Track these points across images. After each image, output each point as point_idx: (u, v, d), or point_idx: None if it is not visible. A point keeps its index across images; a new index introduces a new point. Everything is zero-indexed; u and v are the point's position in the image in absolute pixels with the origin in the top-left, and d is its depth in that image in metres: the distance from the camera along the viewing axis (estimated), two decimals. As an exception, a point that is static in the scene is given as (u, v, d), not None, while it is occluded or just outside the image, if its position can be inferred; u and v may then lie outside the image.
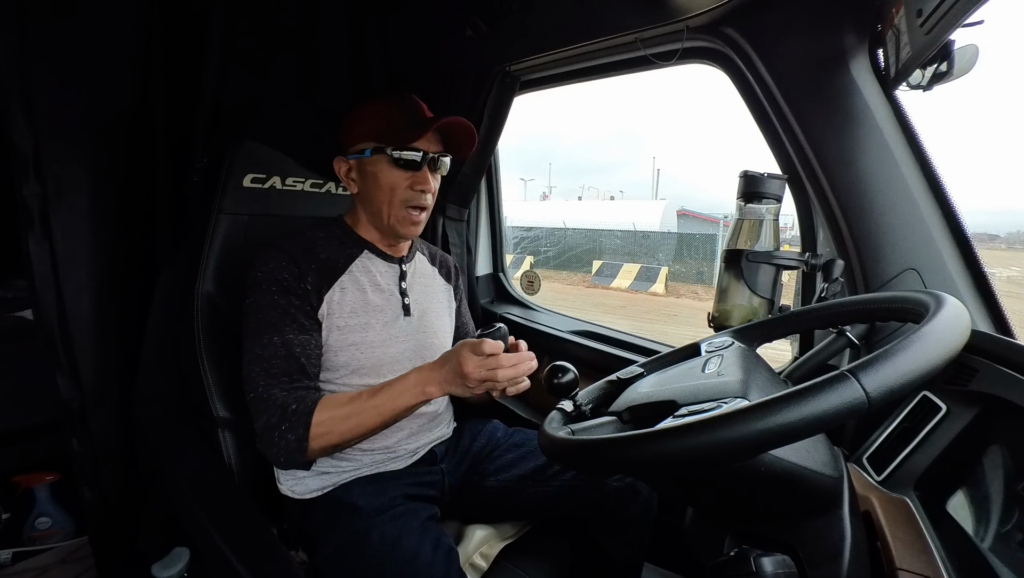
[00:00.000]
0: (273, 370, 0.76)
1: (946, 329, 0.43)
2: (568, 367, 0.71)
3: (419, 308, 0.95)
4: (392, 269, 0.94)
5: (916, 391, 0.69)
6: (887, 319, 0.62)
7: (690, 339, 0.76)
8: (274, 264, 0.81)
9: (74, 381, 0.95)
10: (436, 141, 0.89)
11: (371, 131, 0.86)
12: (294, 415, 0.74)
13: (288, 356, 0.78)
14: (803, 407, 0.37)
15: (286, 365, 0.77)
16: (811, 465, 0.50)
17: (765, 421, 0.37)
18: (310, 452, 0.75)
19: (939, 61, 0.68)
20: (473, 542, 0.90)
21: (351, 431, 0.76)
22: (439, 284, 1.04)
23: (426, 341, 0.94)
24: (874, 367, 0.38)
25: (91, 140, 0.93)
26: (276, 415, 0.74)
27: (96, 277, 0.96)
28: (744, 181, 0.85)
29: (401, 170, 0.85)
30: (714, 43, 0.93)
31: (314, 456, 0.77)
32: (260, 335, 0.78)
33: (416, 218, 0.89)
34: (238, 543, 0.72)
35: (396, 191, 0.86)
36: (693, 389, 0.56)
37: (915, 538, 0.52)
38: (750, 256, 0.84)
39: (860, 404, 0.36)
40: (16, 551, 1.37)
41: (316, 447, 0.75)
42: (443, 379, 0.75)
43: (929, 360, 0.39)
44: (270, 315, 0.79)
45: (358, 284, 0.88)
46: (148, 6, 0.94)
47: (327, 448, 0.76)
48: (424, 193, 0.87)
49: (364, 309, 0.87)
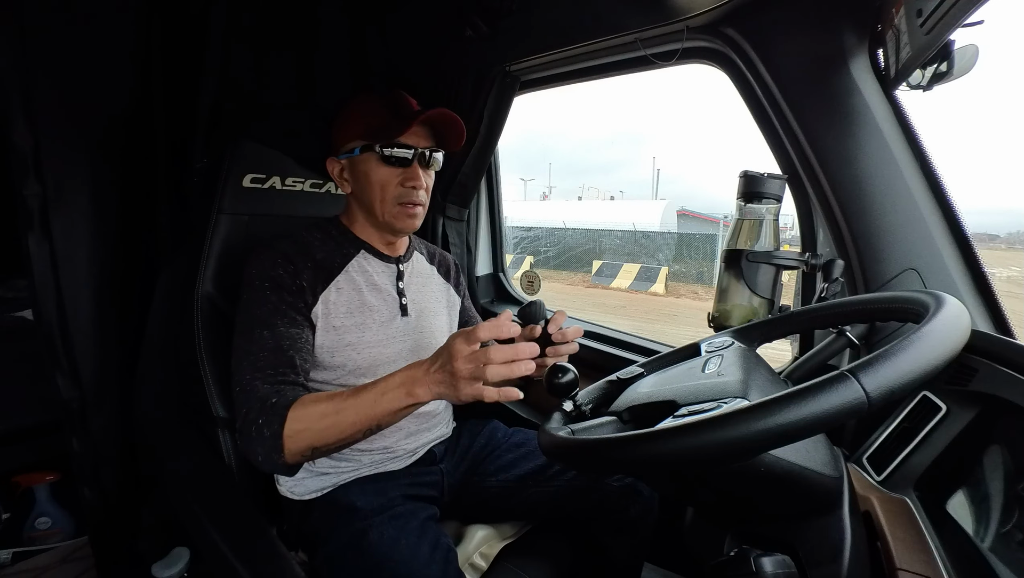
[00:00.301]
0: (259, 363, 0.74)
1: (946, 329, 0.43)
2: (568, 367, 0.71)
3: (416, 308, 0.95)
4: (389, 269, 0.94)
5: (916, 391, 0.69)
6: (887, 319, 0.62)
7: (690, 339, 0.76)
8: (268, 262, 0.81)
9: (74, 381, 0.95)
10: (426, 136, 0.88)
11: (359, 129, 0.86)
12: (272, 409, 0.69)
13: (276, 349, 0.75)
14: (803, 407, 0.37)
15: (273, 358, 0.75)
16: (811, 465, 0.50)
17: (765, 421, 0.37)
18: (287, 453, 0.68)
19: (939, 61, 0.68)
20: (473, 542, 0.90)
21: (327, 430, 0.67)
22: (437, 283, 1.04)
23: (423, 341, 0.93)
24: (874, 367, 0.38)
25: (91, 140, 0.93)
26: (256, 408, 0.70)
27: (96, 277, 0.96)
28: (744, 181, 0.85)
29: (391, 167, 0.85)
30: (714, 43, 0.93)
31: (292, 459, 0.69)
32: (250, 330, 0.77)
33: (411, 211, 0.88)
34: (238, 543, 0.72)
35: (387, 189, 0.86)
36: (693, 389, 0.56)
37: (915, 538, 0.52)
38: (750, 256, 0.84)
39: (860, 404, 0.36)
40: (16, 551, 1.37)
41: (292, 448, 0.68)
42: (433, 379, 0.65)
43: (929, 360, 0.39)
44: (261, 311, 0.78)
45: (354, 284, 0.88)
46: (148, 6, 0.94)
47: (304, 450, 0.68)
48: (416, 190, 0.86)
49: (360, 309, 0.87)
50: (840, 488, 0.53)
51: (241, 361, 0.76)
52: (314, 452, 0.70)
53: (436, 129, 0.89)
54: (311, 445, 0.68)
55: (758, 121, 0.96)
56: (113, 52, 0.93)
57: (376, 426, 0.69)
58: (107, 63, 0.93)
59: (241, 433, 0.72)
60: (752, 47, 0.87)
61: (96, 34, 0.91)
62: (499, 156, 1.62)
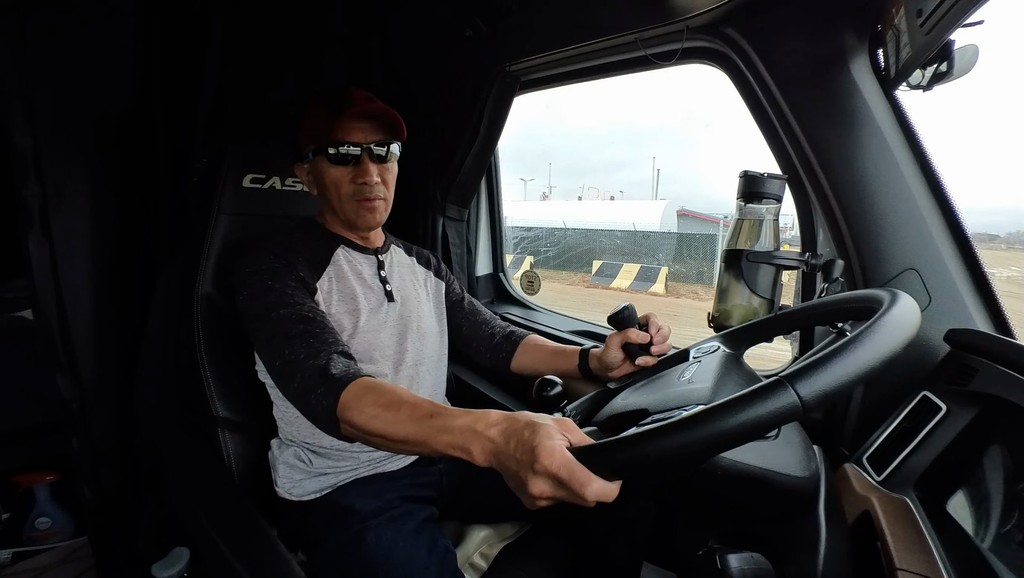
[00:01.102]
0: (292, 332, 0.72)
1: (885, 331, 0.43)
2: (555, 381, 0.72)
3: (401, 294, 0.95)
4: (370, 260, 0.95)
5: (915, 391, 0.69)
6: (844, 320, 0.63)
7: (691, 339, 0.77)
8: (262, 257, 0.81)
9: (74, 381, 0.95)
10: (373, 130, 0.86)
11: (310, 133, 0.87)
12: (330, 379, 0.65)
13: (302, 318, 0.74)
14: (740, 414, 0.39)
15: (304, 326, 0.73)
16: (775, 467, 0.51)
17: (705, 428, 0.39)
18: (341, 425, 0.64)
19: (939, 61, 0.68)
20: (473, 542, 0.90)
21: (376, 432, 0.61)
22: (419, 271, 1.04)
23: (411, 324, 0.94)
24: (808, 373, 0.39)
25: (91, 140, 0.93)
26: (311, 377, 0.66)
27: (96, 277, 0.96)
28: (744, 181, 0.85)
29: (341, 166, 0.85)
30: (714, 43, 0.93)
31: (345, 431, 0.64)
32: (266, 316, 0.75)
33: (369, 205, 0.87)
34: (238, 543, 0.72)
35: (341, 187, 0.86)
36: (664, 397, 0.58)
37: (915, 538, 0.52)
38: (750, 256, 0.84)
39: (794, 409, 0.38)
40: (16, 551, 1.37)
41: (346, 425, 0.63)
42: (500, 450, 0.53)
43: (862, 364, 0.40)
44: (269, 298, 0.77)
45: (342, 273, 0.89)
46: (148, 7, 0.94)
47: (352, 434, 0.64)
48: (367, 185, 0.86)
49: (352, 296, 0.88)
50: (814, 488, 0.54)
51: (271, 343, 0.72)
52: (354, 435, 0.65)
53: (383, 121, 0.87)
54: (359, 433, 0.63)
55: (758, 121, 0.96)
56: (113, 52, 0.93)
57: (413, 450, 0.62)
58: (107, 63, 0.93)
59: (297, 403, 0.69)
60: (752, 47, 0.87)
61: (96, 34, 0.91)
62: (499, 156, 1.62)
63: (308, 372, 0.67)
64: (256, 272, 0.80)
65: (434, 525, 0.83)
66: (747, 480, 0.50)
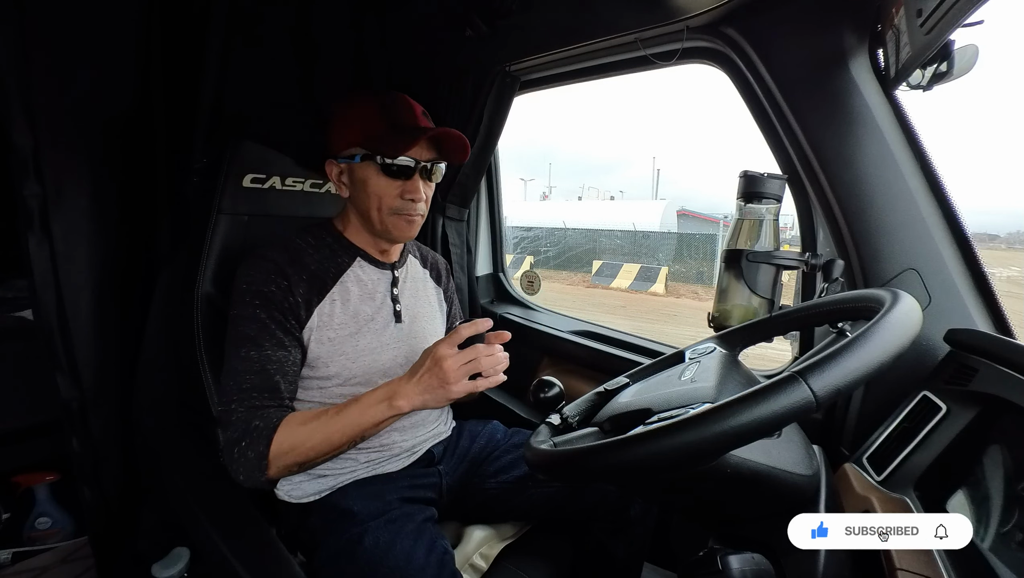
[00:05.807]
0: (245, 385, 0.75)
1: (893, 327, 0.44)
2: (553, 382, 0.72)
3: (410, 314, 0.94)
4: (384, 276, 0.93)
5: (915, 391, 0.69)
6: (845, 319, 0.64)
7: (691, 339, 0.77)
8: (261, 276, 0.80)
9: (74, 381, 0.95)
10: (429, 148, 0.86)
11: (360, 136, 0.83)
12: (256, 431, 0.72)
13: (262, 372, 0.76)
14: (755, 409, 0.39)
15: (259, 381, 0.76)
16: (780, 465, 0.52)
17: (720, 424, 0.39)
18: (272, 470, 0.72)
19: (939, 61, 0.68)
20: (473, 543, 0.90)
21: (315, 449, 0.73)
22: (430, 288, 1.04)
23: (417, 346, 0.92)
24: (820, 369, 0.40)
25: (91, 140, 0.92)
26: (239, 430, 0.73)
27: (96, 277, 0.96)
28: (744, 181, 0.85)
29: (391, 179, 0.83)
30: (714, 43, 0.93)
31: (277, 475, 0.74)
32: (238, 348, 0.77)
33: (410, 219, 0.87)
34: (238, 544, 0.72)
35: (385, 200, 0.84)
36: (667, 397, 0.58)
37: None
38: (750, 256, 0.84)
39: (808, 404, 0.39)
40: (16, 551, 1.37)
41: (280, 465, 0.72)
42: (416, 389, 0.72)
43: (873, 359, 0.41)
44: (249, 328, 0.77)
45: (349, 295, 0.87)
46: (148, 5, 0.94)
47: (291, 466, 0.73)
48: (415, 202, 0.85)
49: (355, 319, 0.86)
50: (815, 486, 0.55)
51: (228, 380, 0.77)
52: (300, 468, 0.76)
53: (439, 141, 0.87)
54: (297, 462, 0.74)
55: (758, 121, 0.96)
56: (113, 52, 0.93)
57: (360, 438, 0.76)
58: (107, 63, 0.93)
59: (224, 454, 0.75)
60: (752, 47, 0.87)
61: (96, 34, 0.91)
62: (499, 156, 1.62)
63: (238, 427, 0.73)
64: (250, 292, 0.79)
65: (433, 526, 0.83)
66: (754, 478, 0.50)
